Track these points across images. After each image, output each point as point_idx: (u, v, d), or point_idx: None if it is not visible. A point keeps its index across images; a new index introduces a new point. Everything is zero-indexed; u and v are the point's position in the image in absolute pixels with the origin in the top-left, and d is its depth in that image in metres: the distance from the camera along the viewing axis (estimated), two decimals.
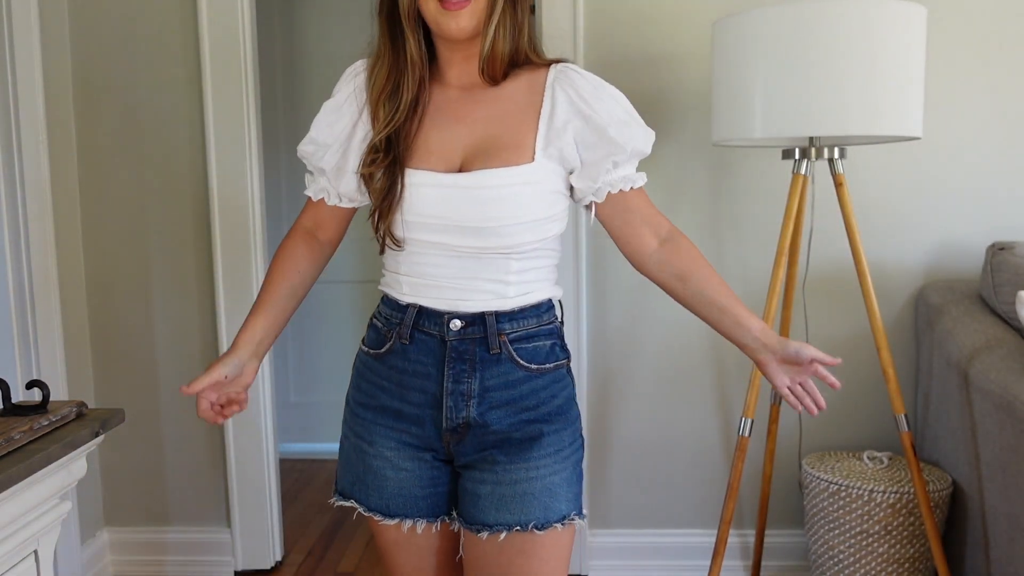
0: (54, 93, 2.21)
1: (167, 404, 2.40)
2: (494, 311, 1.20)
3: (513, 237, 1.17)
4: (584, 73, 1.23)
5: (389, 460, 1.24)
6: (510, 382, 1.21)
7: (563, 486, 1.22)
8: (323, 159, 1.25)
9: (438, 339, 1.20)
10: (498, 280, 1.20)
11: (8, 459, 1.03)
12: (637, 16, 2.20)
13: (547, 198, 1.20)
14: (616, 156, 1.20)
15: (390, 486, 1.25)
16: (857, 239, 1.82)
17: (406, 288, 1.23)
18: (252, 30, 2.28)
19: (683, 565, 2.32)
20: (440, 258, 1.20)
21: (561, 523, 1.20)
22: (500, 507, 1.20)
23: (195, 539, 2.44)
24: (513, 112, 1.21)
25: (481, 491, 1.21)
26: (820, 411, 1.22)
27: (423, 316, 1.21)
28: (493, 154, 1.18)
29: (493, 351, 1.20)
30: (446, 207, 1.17)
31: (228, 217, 2.28)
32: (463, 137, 1.20)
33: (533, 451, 1.21)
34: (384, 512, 1.25)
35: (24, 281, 2.06)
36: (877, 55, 1.62)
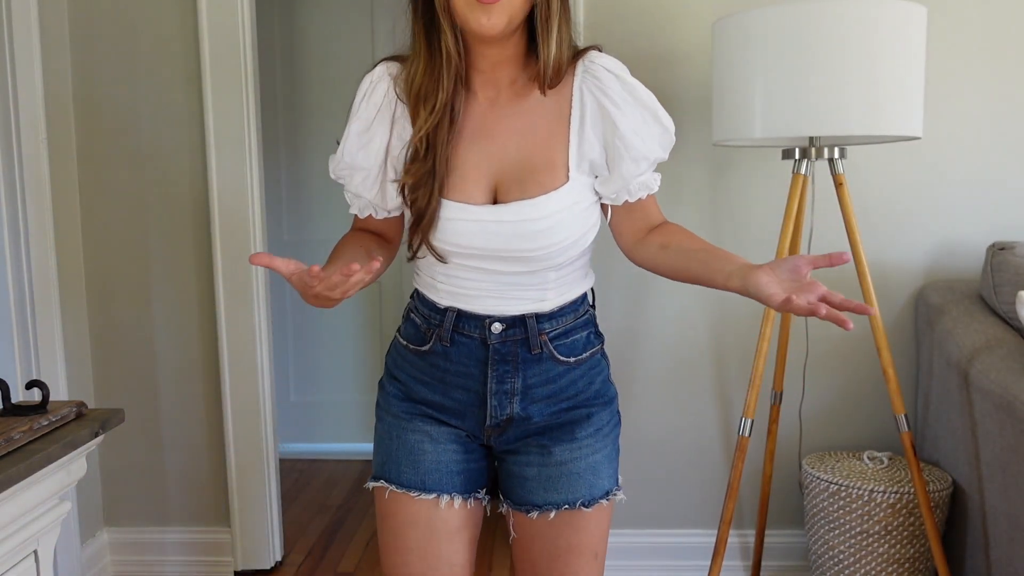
0: (54, 93, 2.21)
1: (167, 404, 2.40)
2: (534, 313, 1.21)
3: (556, 259, 1.18)
4: (611, 67, 1.18)
5: (428, 433, 1.24)
6: (551, 377, 1.23)
7: (604, 464, 1.26)
8: (361, 184, 1.21)
9: (479, 341, 1.21)
10: (538, 288, 1.21)
11: (8, 459, 1.03)
12: (637, 16, 2.19)
13: (585, 213, 1.19)
14: (638, 169, 1.19)
15: (427, 459, 1.23)
16: (857, 239, 1.82)
17: (443, 294, 1.22)
18: (252, 30, 2.28)
19: (683, 565, 2.32)
20: (479, 274, 1.19)
21: (605, 498, 1.25)
22: (548, 487, 1.23)
23: (195, 539, 2.44)
24: (542, 126, 1.17)
25: (528, 473, 1.24)
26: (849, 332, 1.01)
27: (463, 319, 1.21)
28: (528, 180, 1.15)
29: (535, 351, 1.21)
30: (486, 239, 1.15)
31: (228, 217, 2.28)
32: (494, 159, 1.17)
33: (576, 433, 1.24)
34: (419, 487, 1.22)
35: (24, 281, 2.06)
36: (877, 55, 1.62)
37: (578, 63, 1.19)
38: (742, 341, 2.26)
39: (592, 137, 1.17)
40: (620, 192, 1.21)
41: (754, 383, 1.85)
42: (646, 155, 1.19)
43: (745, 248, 2.24)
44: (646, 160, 1.19)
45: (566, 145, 1.17)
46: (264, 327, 2.35)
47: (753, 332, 2.22)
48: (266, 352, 2.36)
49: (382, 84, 1.19)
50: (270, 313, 2.40)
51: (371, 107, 1.19)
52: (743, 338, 2.26)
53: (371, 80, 1.20)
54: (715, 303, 2.26)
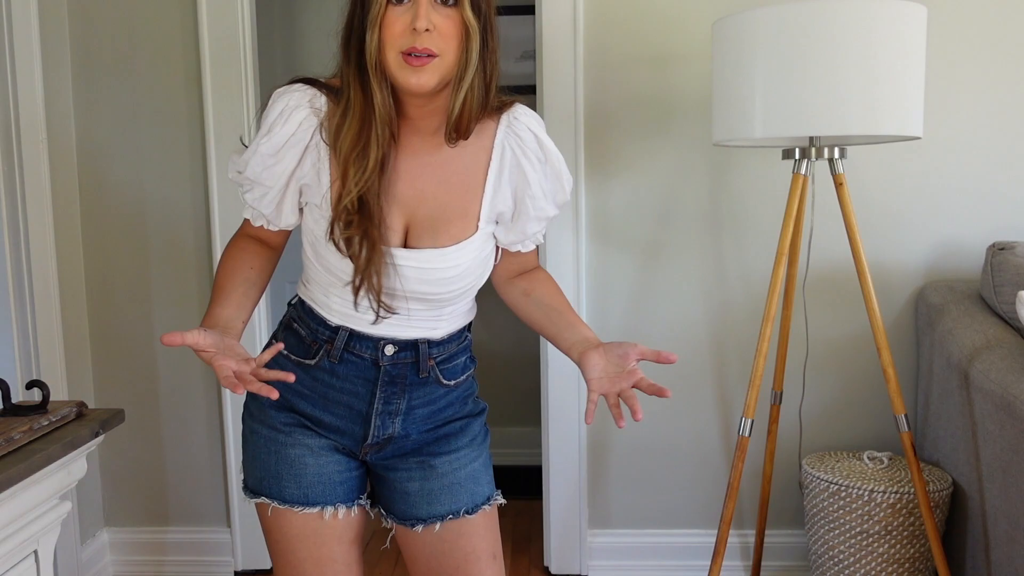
0: (54, 93, 2.21)
1: (167, 404, 2.40)
2: (426, 339, 1.23)
3: (455, 302, 1.23)
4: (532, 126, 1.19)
5: (308, 447, 1.24)
6: (432, 399, 1.27)
7: (483, 471, 1.31)
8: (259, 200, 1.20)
9: (370, 362, 1.22)
10: (433, 320, 1.23)
11: (8, 459, 1.03)
12: (637, 16, 2.19)
13: (486, 260, 1.24)
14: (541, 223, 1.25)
15: (309, 473, 1.23)
16: (857, 239, 1.82)
17: (336, 314, 1.21)
18: (252, 30, 2.28)
19: (683, 565, 2.32)
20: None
21: (488, 504, 1.29)
22: (431, 500, 1.26)
23: (195, 539, 2.44)
24: (460, 174, 1.18)
25: (410, 488, 1.26)
26: (637, 421, 1.12)
27: (355, 339, 1.21)
28: (440, 229, 1.17)
29: (423, 375, 1.24)
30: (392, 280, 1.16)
31: (228, 217, 2.28)
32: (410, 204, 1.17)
33: (453, 444, 1.28)
34: (303, 501, 1.23)
35: (24, 281, 2.06)
36: (877, 55, 1.62)
37: (502, 116, 1.19)
38: (742, 341, 2.26)
39: (506, 190, 1.20)
40: (516, 243, 1.27)
41: (754, 383, 1.85)
42: (548, 214, 1.24)
43: (745, 248, 2.24)
44: (547, 218, 1.25)
45: (480, 196, 1.19)
46: (264, 327, 2.35)
47: (753, 332, 2.22)
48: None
49: (300, 112, 1.15)
50: (270, 313, 2.40)
51: (284, 133, 1.15)
52: (743, 338, 2.26)
53: (287, 104, 1.15)
54: (715, 304, 2.26)
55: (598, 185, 2.24)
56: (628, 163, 2.23)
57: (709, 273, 2.26)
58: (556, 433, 2.30)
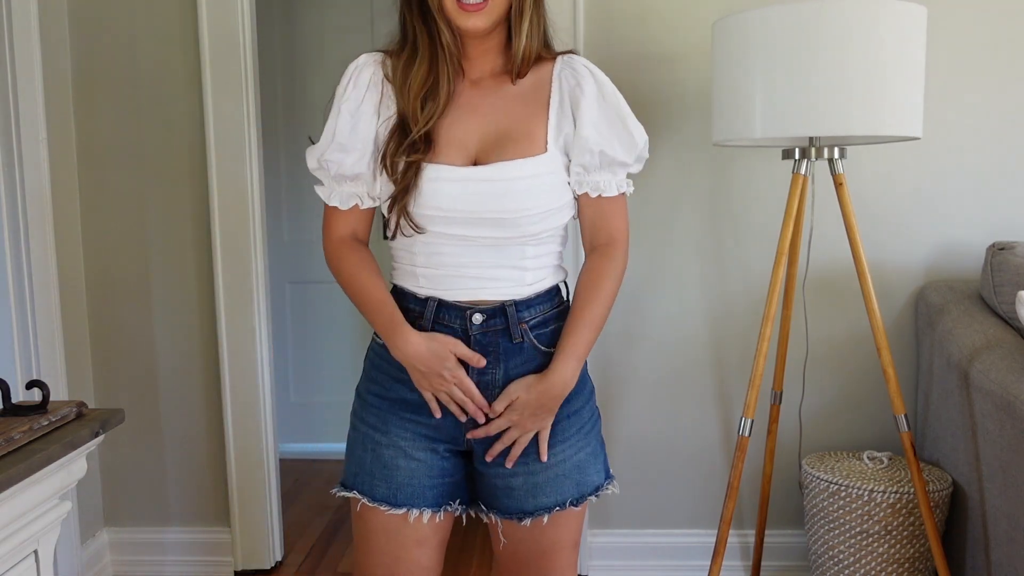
0: (54, 93, 2.21)
1: (167, 404, 2.40)
2: (513, 300, 1.22)
3: (530, 226, 1.20)
4: (590, 66, 1.26)
5: (402, 449, 1.24)
6: (533, 369, 1.24)
7: (591, 460, 1.29)
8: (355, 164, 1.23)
9: (460, 332, 1.22)
10: (516, 267, 1.23)
11: (8, 459, 1.03)
12: (637, 16, 2.19)
13: (559, 188, 1.23)
14: (583, 160, 1.24)
15: (400, 475, 1.24)
16: (857, 239, 1.82)
17: (423, 281, 1.24)
18: (252, 30, 2.28)
19: (683, 565, 2.32)
20: (458, 248, 1.21)
21: (596, 495, 1.30)
22: (537, 494, 1.25)
23: (195, 539, 2.44)
24: (523, 104, 1.24)
25: (514, 483, 1.26)
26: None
27: (443, 310, 1.22)
28: (508, 146, 1.21)
29: (516, 340, 1.23)
30: (465, 200, 1.18)
31: (228, 217, 2.28)
32: (476, 129, 1.22)
33: (558, 436, 1.26)
34: (390, 501, 1.24)
35: (24, 281, 2.06)
36: (877, 55, 1.62)
37: (559, 58, 1.28)
38: (742, 341, 2.26)
39: (569, 118, 1.24)
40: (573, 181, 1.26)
41: (754, 383, 1.85)
42: (599, 148, 1.23)
43: (745, 248, 2.24)
44: (595, 154, 1.23)
45: (545, 121, 1.23)
46: (264, 327, 2.35)
47: (753, 332, 2.22)
48: (266, 352, 2.36)
49: (367, 69, 1.24)
50: (270, 313, 2.40)
51: (359, 89, 1.23)
52: (743, 338, 2.26)
53: (356, 66, 1.25)
54: (715, 303, 2.26)
55: None
56: None
57: (709, 273, 2.26)
58: None
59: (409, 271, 1.25)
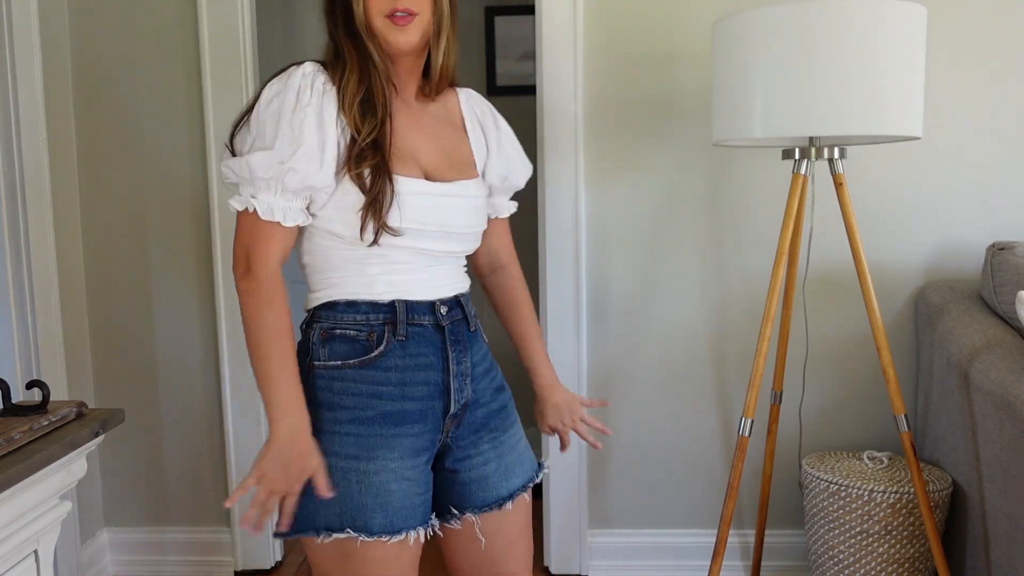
0: (54, 93, 2.21)
1: (167, 404, 2.40)
2: (461, 293, 1.30)
3: (473, 244, 1.32)
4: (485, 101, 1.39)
5: (394, 472, 1.18)
6: (484, 354, 1.33)
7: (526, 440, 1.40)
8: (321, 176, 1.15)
9: (432, 327, 1.24)
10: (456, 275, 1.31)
11: (8, 459, 1.03)
12: (637, 16, 2.20)
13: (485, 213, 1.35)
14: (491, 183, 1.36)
15: (395, 500, 1.17)
16: (857, 239, 1.82)
17: (382, 287, 1.20)
18: (252, 30, 2.28)
19: (683, 565, 2.32)
20: (416, 259, 1.23)
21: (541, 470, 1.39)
22: (509, 476, 1.31)
23: (195, 539, 2.44)
24: (449, 128, 1.32)
25: (488, 471, 1.29)
26: None
27: (412, 309, 1.22)
28: (456, 167, 1.28)
29: (472, 328, 1.30)
30: (437, 214, 1.22)
31: (228, 217, 2.28)
32: (423, 146, 1.25)
33: (510, 417, 1.35)
34: (389, 530, 1.16)
35: (24, 281, 2.06)
36: (877, 55, 1.62)
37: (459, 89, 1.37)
38: (742, 341, 2.26)
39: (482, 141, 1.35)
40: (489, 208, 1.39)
41: (754, 383, 1.85)
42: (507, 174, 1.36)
43: (745, 248, 2.24)
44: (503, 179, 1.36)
45: (470, 146, 1.33)
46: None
47: (753, 332, 2.22)
48: None
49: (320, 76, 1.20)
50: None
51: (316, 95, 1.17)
52: (743, 338, 2.26)
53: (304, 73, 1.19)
54: (715, 303, 2.27)
55: (598, 185, 2.24)
56: (628, 163, 2.23)
57: (709, 273, 2.26)
58: None
59: (361, 281, 1.20)
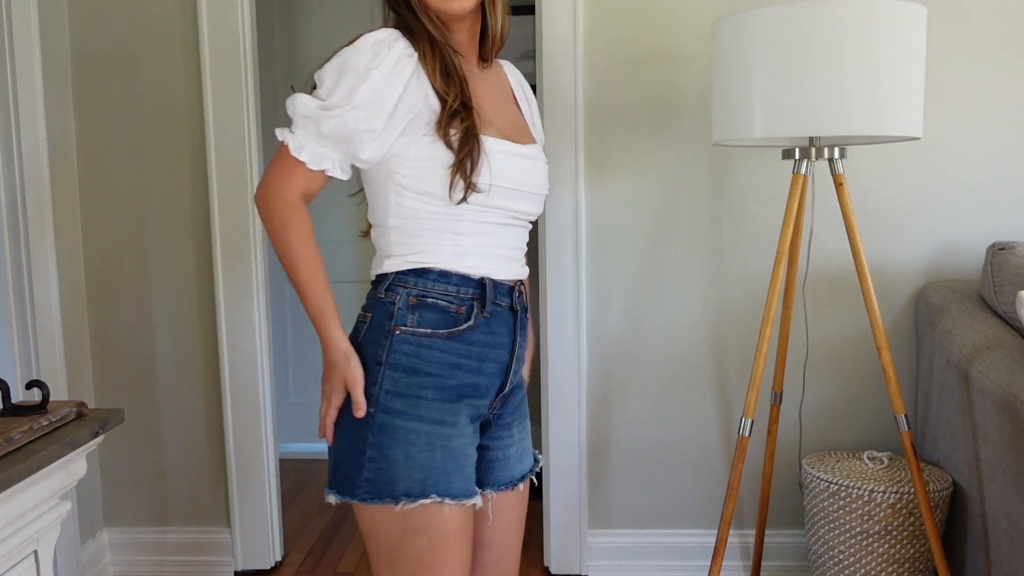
0: (54, 93, 2.21)
1: (167, 404, 2.40)
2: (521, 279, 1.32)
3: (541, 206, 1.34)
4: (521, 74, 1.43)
5: (468, 436, 1.24)
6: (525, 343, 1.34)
7: None
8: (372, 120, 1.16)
9: (508, 309, 1.27)
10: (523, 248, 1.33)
11: (8, 459, 1.03)
12: (637, 16, 2.19)
13: None
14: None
15: (468, 464, 1.23)
16: (857, 239, 1.82)
17: (472, 261, 1.23)
18: (252, 30, 2.28)
19: (683, 565, 2.32)
20: (497, 227, 1.25)
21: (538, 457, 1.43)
22: (522, 458, 1.37)
23: (195, 539, 2.44)
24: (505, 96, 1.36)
25: (511, 452, 1.34)
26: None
27: (496, 289, 1.25)
28: (524, 131, 1.32)
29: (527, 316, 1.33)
30: (522, 174, 1.25)
31: (228, 217, 2.28)
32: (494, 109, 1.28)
33: (524, 401, 1.39)
34: (467, 493, 1.20)
35: (24, 281, 2.06)
36: (877, 55, 1.62)
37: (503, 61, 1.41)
38: (742, 341, 2.26)
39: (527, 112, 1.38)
40: None
41: (754, 383, 1.85)
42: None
43: (745, 248, 2.24)
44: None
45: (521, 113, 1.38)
46: (264, 327, 2.35)
47: (753, 332, 2.22)
48: (266, 352, 2.36)
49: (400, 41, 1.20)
50: (270, 313, 2.40)
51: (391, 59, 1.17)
52: (743, 338, 2.26)
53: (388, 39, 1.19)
54: (715, 304, 2.26)
55: (598, 184, 2.24)
56: (628, 163, 2.23)
57: (709, 273, 2.26)
58: (556, 433, 2.30)
59: (453, 251, 1.21)
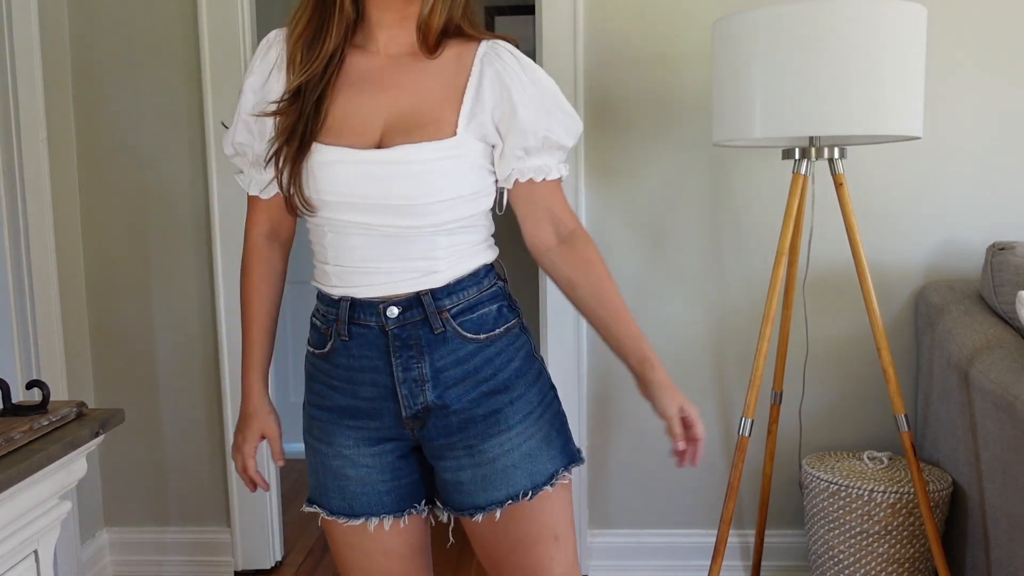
0: (54, 93, 2.21)
1: (167, 404, 2.40)
2: (428, 289, 1.15)
3: (438, 215, 1.13)
4: (516, 53, 1.18)
5: (348, 458, 1.21)
6: (461, 358, 1.17)
7: (543, 447, 1.20)
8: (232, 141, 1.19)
9: (377, 330, 1.15)
10: (427, 258, 1.15)
11: (8, 459, 1.03)
12: (637, 16, 2.19)
13: (470, 173, 1.15)
14: (526, 143, 1.17)
15: (352, 485, 1.21)
16: (857, 239, 1.82)
17: (334, 279, 1.17)
18: (252, 30, 2.28)
19: (683, 565, 2.32)
20: (363, 239, 1.14)
21: (550, 484, 1.19)
22: (486, 487, 1.18)
23: (195, 539, 2.44)
24: (439, 85, 1.16)
25: (463, 477, 1.19)
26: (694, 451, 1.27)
27: (357, 308, 1.16)
28: (414, 129, 1.13)
29: (437, 331, 1.15)
30: (366, 185, 1.11)
31: (228, 217, 2.28)
32: (384, 109, 1.14)
33: (501, 425, 1.18)
34: (348, 513, 1.21)
35: (24, 281, 2.06)
36: (877, 55, 1.62)
37: (483, 42, 1.19)
38: (742, 341, 2.26)
39: (487, 104, 1.16)
40: (509, 170, 1.19)
41: (754, 383, 1.85)
42: (543, 131, 1.17)
43: (745, 248, 2.24)
44: (538, 137, 1.17)
45: (458, 106, 1.15)
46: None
47: (753, 332, 2.22)
48: None
49: (277, 45, 1.18)
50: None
51: (266, 64, 1.18)
52: (743, 338, 2.26)
53: (267, 42, 1.20)
54: (715, 304, 2.26)
55: (598, 185, 2.24)
56: (628, 163, 2.23)
57: (709, 273, 2.26)
58: None
59: (322, 269, 1.20)
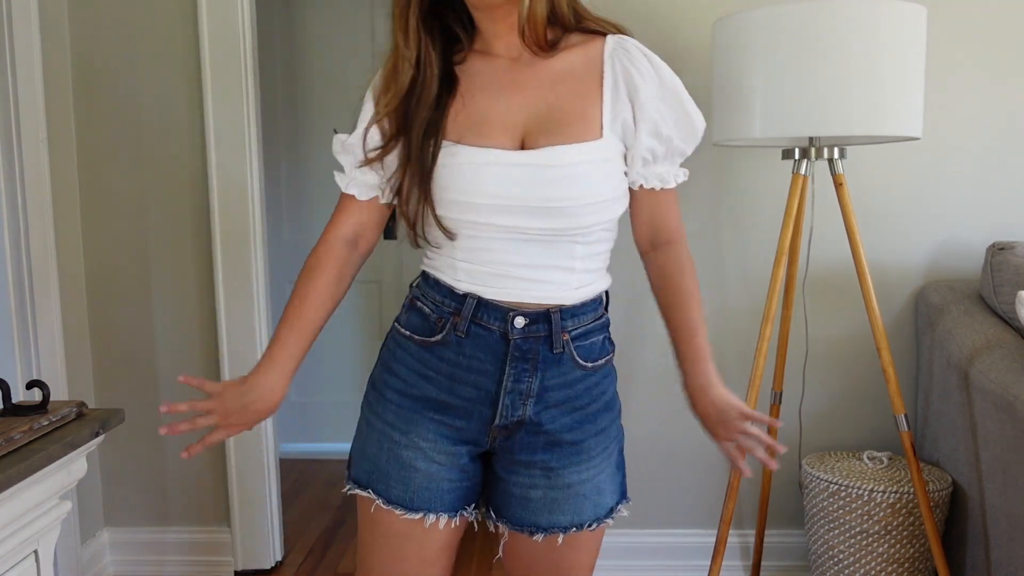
0: (54, 93, 2.21)
1: None
2: (559, 307, 1.15)
3: (583, 218, 1.12)
4: (645, 50, 1.17)
5: (422, 451, 1.17)
6: (568, 382, 1.17)
7: (609, 481, 1.23)
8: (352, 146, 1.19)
9: (499, 335, 1.14)
10: (564, 268, 1.15)
11: (8, 459, 1.03)
12: (637, 16, 2.19)
13: (614, 177, 1.15)
14: (653, 148, 1.17)
15: (418, 478, 1.17)
16: (857, 239, 1.82)
17: (462, 275, 1.14)
18: (252, 30, 2.28)
19: (683, 565, 2.32)
20: (503, 243, 1.12)
21: (611, 516, 1.23)
22: (553, 509, 1.19)
23: (195, 539, 2.44)
24: (572, 82, 1.15)
25: (532, 495, 1.19)
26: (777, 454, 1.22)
27: (483, 309, 1.13)
28: (558, 129, 1.12)
29: (556, 351, 1.15)
30: (513, 187, 1.09)
31: (228, 217, 2.28)
32: (522, 108, 1.13)
33: (583, 455, 1.20)
34: (407, 505, 1.17)
35: (24, 281, 2.06)
36: (877, 55, 1.62)
37: (609, 37, 1.18)
38: (742, 341, 2.26)
39: (625, 103, 1.15)
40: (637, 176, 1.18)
41: (754, 383, 1.85)
42: (667, 136, 1.16)
43: (745, 248, 2.24)
44: (662, 141, 1.17)
45: (599, 103, 1.14)
46: (264, 327, 2.35)
47: (753, 332, 2.22)
48: None
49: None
50: (270, 313, 2.40)
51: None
52: (743, 338, 2.26)
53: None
54: (715, 304, 2.26)
55: None
56: None
57: (709, 273, 2.26)
58: None
59: (447, 262, 1.16)
